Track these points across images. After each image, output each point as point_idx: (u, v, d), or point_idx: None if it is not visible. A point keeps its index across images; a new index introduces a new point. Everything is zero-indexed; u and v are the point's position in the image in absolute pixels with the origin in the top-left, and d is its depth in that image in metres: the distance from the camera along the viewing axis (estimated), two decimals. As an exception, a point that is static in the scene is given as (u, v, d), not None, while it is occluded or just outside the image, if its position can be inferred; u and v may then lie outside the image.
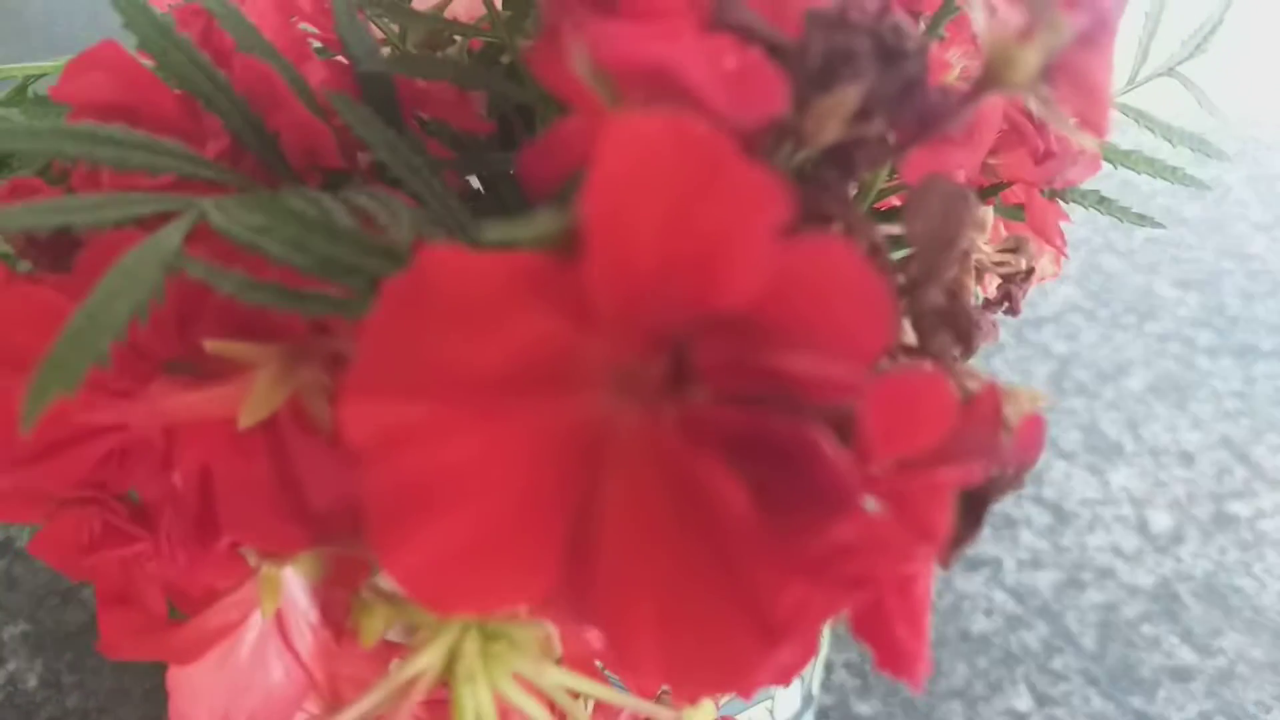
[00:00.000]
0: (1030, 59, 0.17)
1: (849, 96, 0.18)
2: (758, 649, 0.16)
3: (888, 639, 0.19)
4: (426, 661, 0.20)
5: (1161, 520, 0.64)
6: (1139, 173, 0.34)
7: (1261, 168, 0.94)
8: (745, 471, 0.16)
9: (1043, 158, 0.31)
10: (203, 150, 0.25)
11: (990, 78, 0.18)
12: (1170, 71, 0.35)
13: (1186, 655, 0.55)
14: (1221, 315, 0.80)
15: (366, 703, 0.20)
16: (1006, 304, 0.27)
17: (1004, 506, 0.63)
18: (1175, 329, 0.78)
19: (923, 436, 0.17)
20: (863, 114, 0.18)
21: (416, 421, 0.16)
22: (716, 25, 0.18)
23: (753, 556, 0.16)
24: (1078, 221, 0.43)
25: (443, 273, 0.16)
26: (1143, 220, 0.33)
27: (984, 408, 0.18)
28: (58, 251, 0.25)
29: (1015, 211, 0.33)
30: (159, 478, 0.25)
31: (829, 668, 0.53)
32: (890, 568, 0.18)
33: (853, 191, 0.20)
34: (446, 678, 0.21)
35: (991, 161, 0.32)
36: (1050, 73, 0.18)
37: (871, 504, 0.18)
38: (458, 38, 0.31)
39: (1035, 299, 0.79)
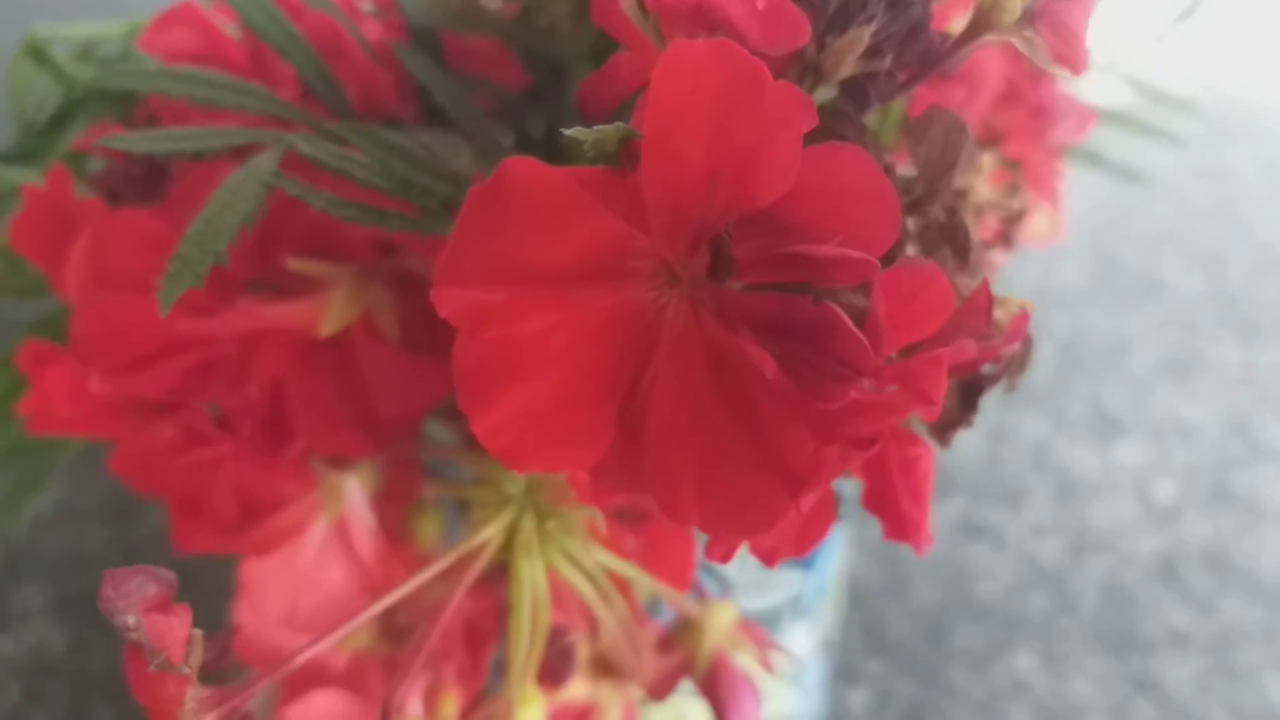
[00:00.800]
0: (1014, 4, 0.20)
1: (862, 36, 0.21)
2: (783, 497, 0.19)
3: (894, 511, 0.22)
4: (487, 535, 0.23)
5: (1162, 491, 0.65)
6: (1123, 132, 0.37)
7: (1266, 150, 0.96)
8: (773, 346, 0.19)
9: (1036, 113, 0.34)
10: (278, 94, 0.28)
11: (980, 20, 0.21)
12: (1160, 38, 0.38)
13: (1185, 619, 0.57)
14: (1224, 295, 0.81)
15: (431, 571, 0.23)
16: (1003, 242, 0.30)
17: (1009, 479, 0.66)
18: (1178, 308, 0.81)
19: (924, 322, 0.20)
20: (873, 52, 0.21)
21: (498, 303, 0.19)
22: (747, -26, 0.21)
23: (780, 416, 0.19)
24: (1082, 201, 0.45)
25: (520, 179, 0.19)
26: (1127, 175, 0.36)
27: (976, 302, 0.21)
28: (148, 185, 0.28)
29: (1013, 165, 0.36)
30: (237, 389, 0.28)
31: (843, 628, 0.55)
32: (884, 453, 0.21)
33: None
34: (504, 556, 0.24)
35: (991, 119, 0.35)
36: (1032, 17, 0.21)
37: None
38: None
39: (1040, 278, 0.81)
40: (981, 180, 0.29)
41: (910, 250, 0.23)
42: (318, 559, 0.29)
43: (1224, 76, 0.36)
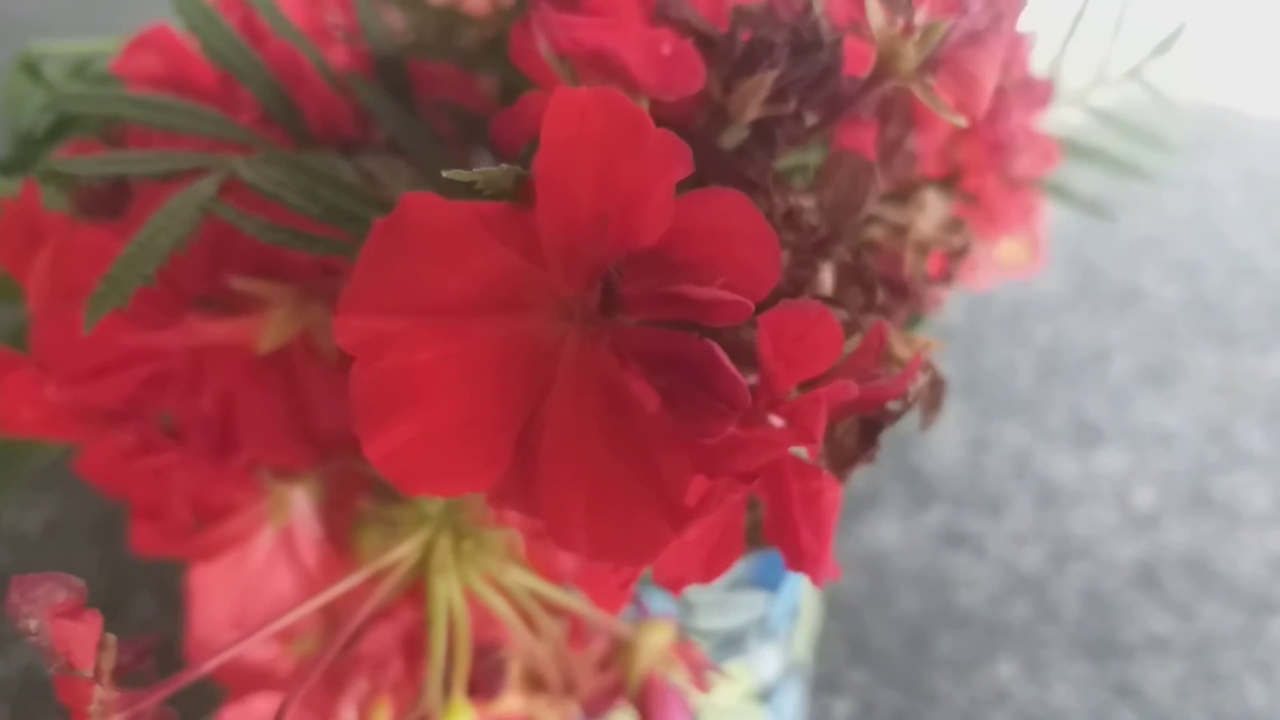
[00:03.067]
0: (910, 52, 0.21)
1: (765, 81, 0.21)
2: (665, 527, 0.20)
3: (794, 543, 0.23)
4: (403, 552, 0.24)
5: (1142, 498, 0.65)
6: (1094, 167, 0.37)
7: (1243, 160, 0.96)
8: (660, 381, 0.20)
9: (993, 148, 0.34)
10: (237, 119, 0.29)
11: (882, 67, 0.21)
12: (1132, 74, 0.38)
13: (1165, 625, 0.57)
14: (1202, 303, 0.81)
15: (345, 584, 0.24)
16: (946, 278, 0.30)
17: (990, 487, 0.66)
18: (1157, 316, 0.80)
19: (815, 360, 0.21)
20: (778, 96, 0.22)
21: (395, 333, 0.20)
22: (659, 19, 0.22)
23: (663, 449, 0.20)
24: (1060, 213, 0.46)
25: (421, 213, 0.20)
26: (1092, 208, 0.36)
27: (869, 342, 0.21)
28: (112, 203, 0.29)
29: (972, 199, 0.36)
30: (189, 400, 0.29)
31: (825, 638, 0.56)
32: (783, 467, 0.21)
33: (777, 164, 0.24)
34: (421, 573, 0.25)
35: (950, 154, 0.36)
36: (934, 64, 0.21)
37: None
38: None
39: (1020, 289, 0.81)
40: (925, 217, 0.30)
41: (826, 287, 0.24)
42: (265, 566, 0.30)
43: (1200, 85, 0.36)
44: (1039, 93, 0.34)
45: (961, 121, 0.21)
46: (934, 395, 0.24)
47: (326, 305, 0.27)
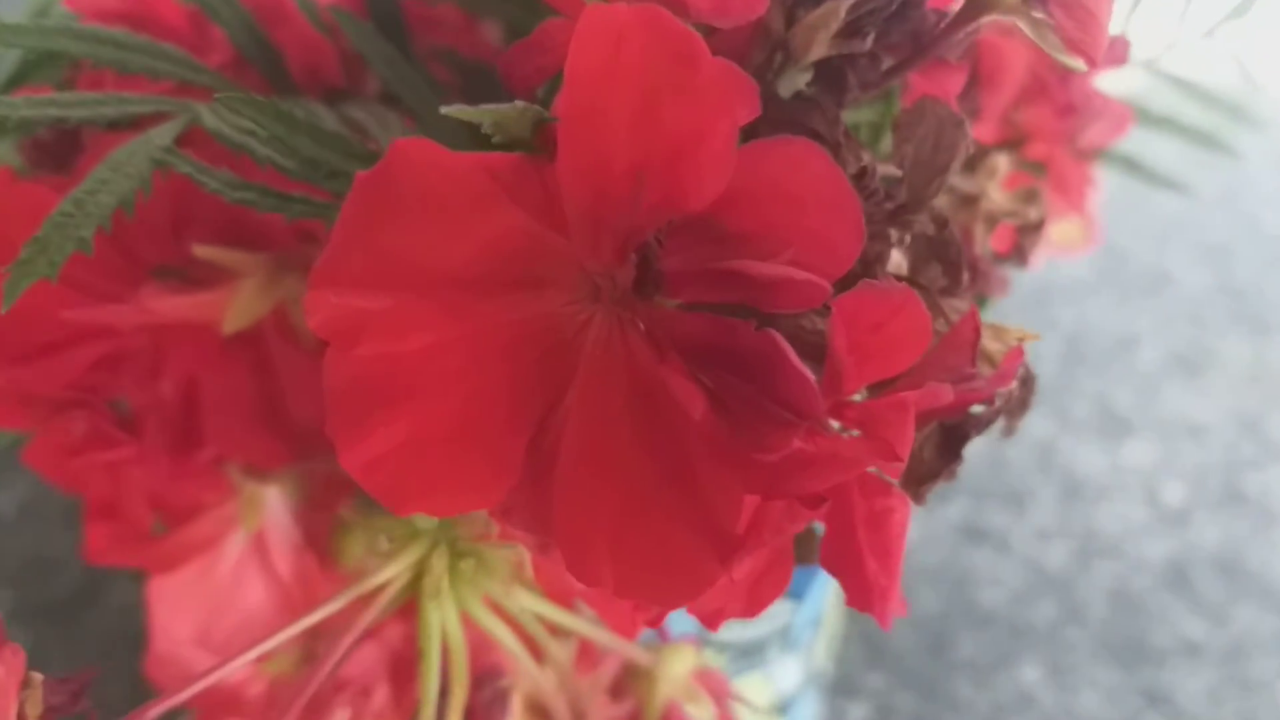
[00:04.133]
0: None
1: (837, 9, 0.17)
2: (711, 560, 0.16)
3: (858, 573, 0.19)
4: (391, 574, 0.20)
5: (1172, 493, 0.62)
6: (1170, 137, 0.33)
7: (1274, 137, 0.92)
8: (708, 379, 0.16)
9: (1064, 111, 0.30)
10: (207, 62, 0.25)
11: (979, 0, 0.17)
12: (1210, 34, 0.34)
13: (1196, 628, 0.55)
14: (1232, 288, 0.78)
15: (325, 610, 0.20)
16: (1017, 256, 0.26)
17: (1013, 480, 0.63)
18: (1186, 302, 0.77)
19: (895, 356, 0.17)
20: (852, 30, 0.18)
21: (380, 312, 0.16)
22: (709, -68, 0.18)
23: (710, 465, 0.16)
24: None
25: (412, 165, 0.16)
26: (1170, 185, 0.33)
27: (961, 334, 0.17)
28: (60, 154, 0.25)
29: (1037, 168, 0.32)
30: (148, 385, 0.25)
31: (841, 639, 0.53)
32: (847, 483, 0.17)
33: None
34: (412, 594, 0.21)
35: (1014, 116, 0.32)
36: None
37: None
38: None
39: (1044, 272, 0.79)
40: (996, 185, 0.26)
41: (895, 265, 0.20)
42: (234, 575, 0.26)
43: (1230, 62, 0.33)
44: (1115, 50, 0.30)
45: (1081, 65, 0.17)
46: (1023, 397, 0.21)
47: (305, 277, 0.23)
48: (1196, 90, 0.33)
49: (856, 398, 0.18)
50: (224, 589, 0.26)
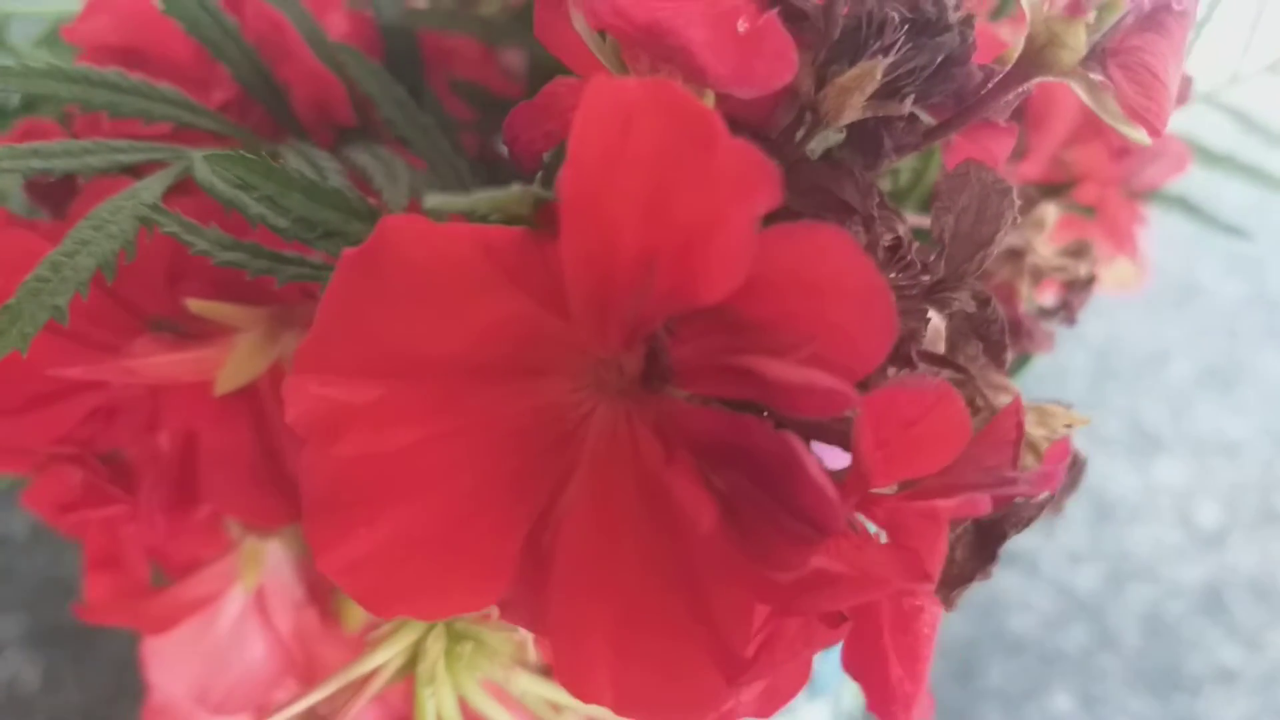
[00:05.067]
0: (1078, 39, 0.15)
1: (873, 70, 0.16)
2: (716, 679, 0.14)
3: (881, 678, 0.17)
4: (385, 658, 0.19)
5: (1206, 514, 0.61)
6: (1233, 178, 0.32)
7: None
8: (722, 481, 0.15)
9: (1119, 153, 0.28)
10: (209, 99, 0.24)
11: (1033, 58, 0.16)
12: (1273, 68, 0.32)
13: (1232, 654, 0.53)
14: (1265, 300, 0.76)
15: (315, 696, 0.19)
16: (1064, 314, 0.24)
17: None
18: (1218, 315, 0.75)
19: (930, 454, 0.15)
20: (889, 90, 0.16)
21: (365, 406, 0.15)
22: (734, -15, 0.16)
23: (719, 578, 0.14)
24: None
25: (402, 244, 0.15)
26: (1233, 231, 0.31)
27: (1002, 430, 0.16)
28: (57, 197, 0.24)
29: (1087, 211, 0.30)
30: (145, 438, 0.24)
31: None
32: (873, 603, 0.16)
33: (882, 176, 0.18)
34: (409, 676, 0.20)
35: (1064, 155, 0.30)
36: (1102, 55, 0.16)
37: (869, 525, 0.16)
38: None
39: None
40: (1044, 238, 0.24)
41: (936, 332, 0.18)
42: (233, 632, 0.25)
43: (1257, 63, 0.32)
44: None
45: (1142, 135, 0.15)
46: (1072, 479, 0.19)
47: (304, 333, 0.22)
48: (1258, 125, 0.31)
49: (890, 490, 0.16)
50: (222, 646, 0.25)
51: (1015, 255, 0.24)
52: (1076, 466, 0.19)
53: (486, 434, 0.15)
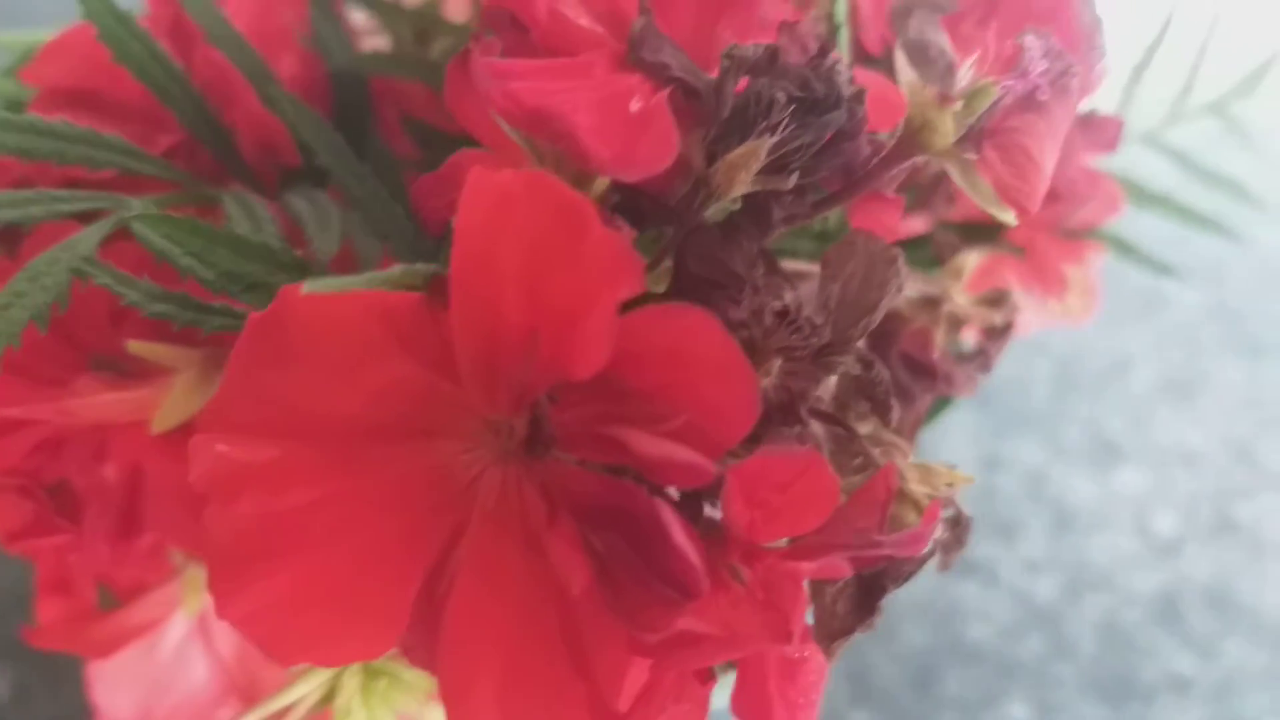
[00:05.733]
0: (946, 126, 0.16)
1: (759, 150, 0.17)
2: (595, 731, 0.15)
3: (767, 721, 0.18)
4: (301, 691, 0.20)
5: (1163, 523, 0.61)
6: (1172, 221, 0.32)
7: (1269, 156, 0.89)
8: (600, 542, 0.15)
9: (1049, 198, 0.29)
10: (158, 141, 0.25)
11: (909, 140, 0.17)
12: (1216, 110, 0.33)
13: (1187, 664, 0.54)
14: (1226, 310, 0.76)
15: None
16: (981, 362, 0.25)
17: (1003, 509, 0.61)
18: (1180, 325, 0.75)
19: (800, 519, 0.16)
20: (777, 166, 0.17)
21: (263, 465, 0.16)
22: (633, 60, 0.17)
23: (595, 634, 0.15)
24: None
25: (303, 309, 0.16)
26: (1165, 270, 0.31)
27: (874, 493, 0.17)
28: (12, 237, 0.25)
29: (1019, 251, 0.31)
30: (91, 469, 0.25)
31: (829, 676, 0.52)
32: (758, 652, 0.17)
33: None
34: (326, 710, 0.21)
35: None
36: (978, 137, 0.16)
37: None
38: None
39: None
40: (960, 287, 0.25)
41: (826, 400, 0.19)
42: (176, 656, 0.26)
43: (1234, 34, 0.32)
44: (1107, 133, 0.29)
45: (1009, 216, 0.16)
46: (955, 538, 0.20)
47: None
48: (1197, 167, 0.32)
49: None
50: (165, 669, 0.26)
51: (932, 303, 0.25)
52: (961, 525, 0.20)
53: (381, 492, 0.16)
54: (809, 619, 0.19)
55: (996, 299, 0.25)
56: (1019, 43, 0.16)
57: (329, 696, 0.20)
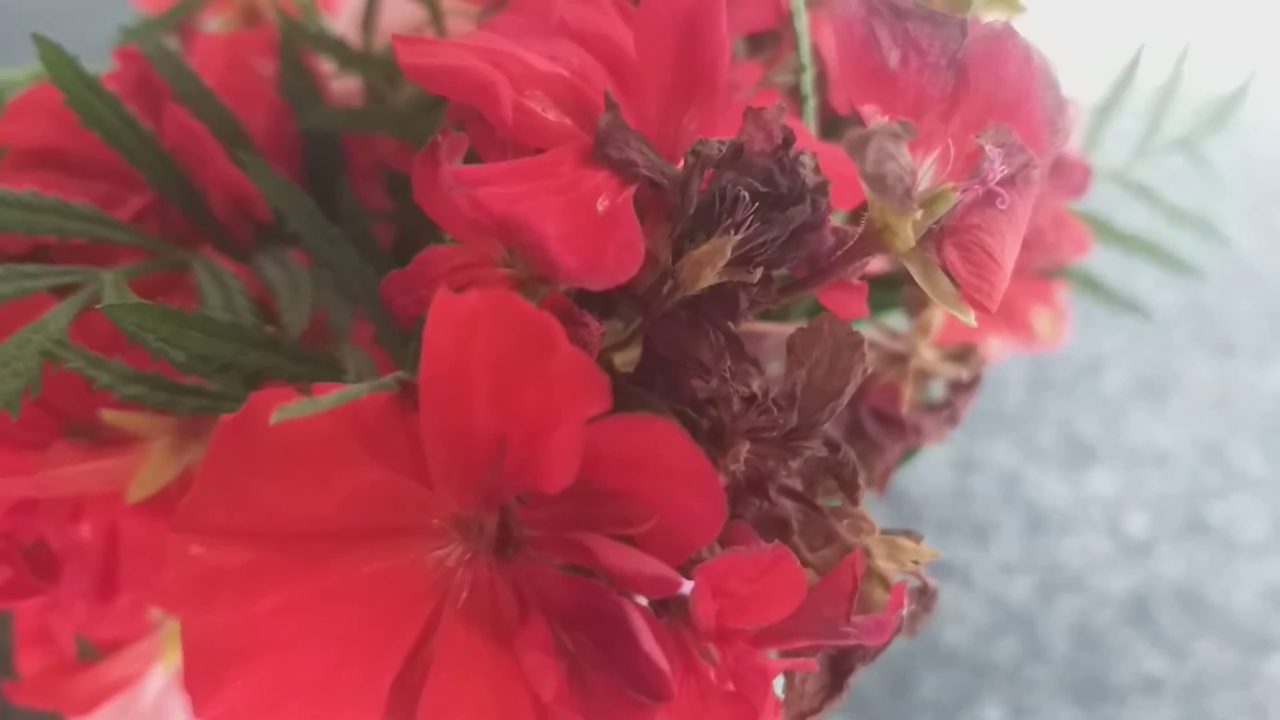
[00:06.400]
0: (906, 232, 0.16)
1: (724, 247, 0.17)
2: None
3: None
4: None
5: (1135, 524, 0.62)
6: (1138, 258, 0.33)
7: (1243, 155, 0.90)
8: (572, 642, 0.16)
9: (1013, 246, 0.29)
10: (133, 200, 0.25)
11: (872, 239, 0.17)
12: (1183, 146, 0.33)
13: (1157, 664, 0.55)
14: (1198, 311, 0.77)
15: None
16: (948, 415, 0.26)
17: (978, 512, 0.63)
18: (1152, 326, 0.76)
19: (770, 607, 0.17)
20: (743, 260, 0.17)
21: (239, 566, 0.16)
22: (599, 157, 0.17)
23: (566, 732, 0.16)
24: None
25: (270, 416, 0.16)
26: (1132, 309, 0.32)
27: (840, 582, 0.17)
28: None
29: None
30: (68, 529, 0.25)
31: None
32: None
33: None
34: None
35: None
36: (939, 235, 0.17)
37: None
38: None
39: None
40: (927, 342, 0.25)
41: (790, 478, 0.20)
42: (154, 710, 0.26)
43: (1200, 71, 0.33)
44: (1075, 179, 0.29)
45: (969, 317, 0.17)
46: (923, 606, 0.20)
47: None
48: (1164, 204, 0.32)
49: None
50: (145, 723, 0.26)
51: (900, 359, 0.25)
52: (927, 595, 0.20)
53: (355, 589, 0.16)
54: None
55: (963, 353, 0.25)
56: (979, 144, 0.16)
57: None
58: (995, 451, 0.66)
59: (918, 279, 0.17)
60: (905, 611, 0.19)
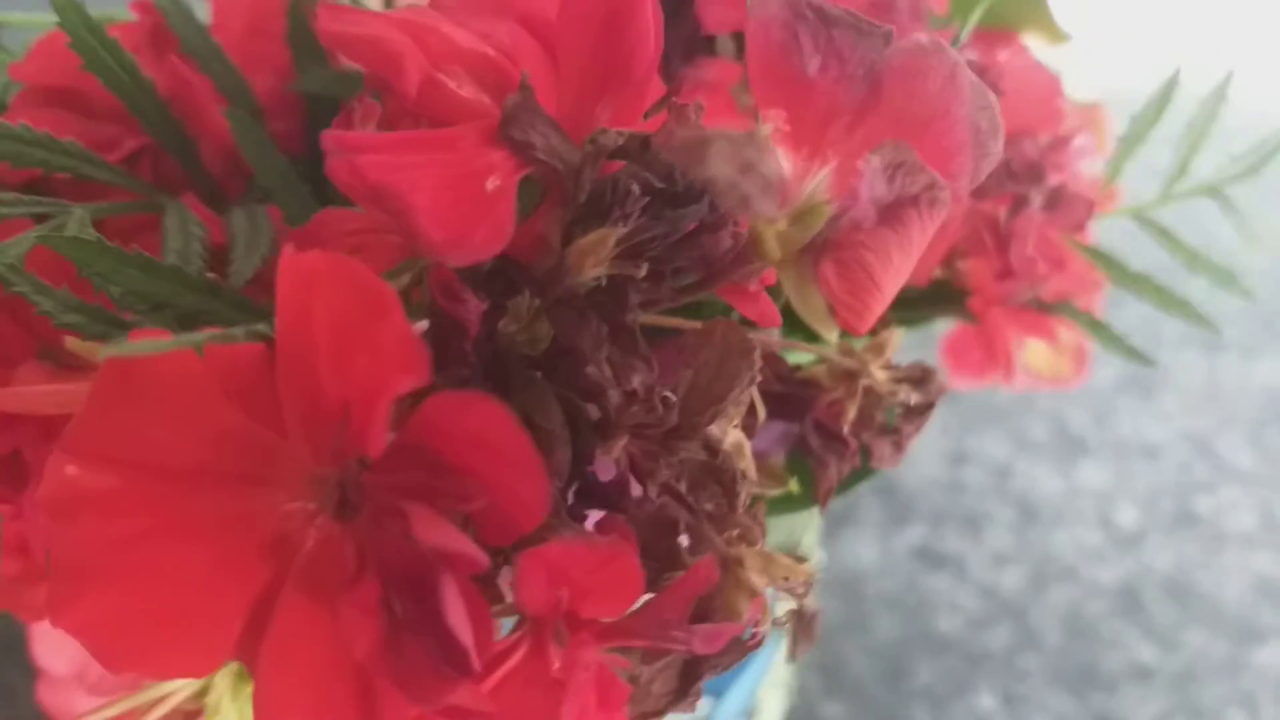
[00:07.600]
0: (772, 244, 0.16)
1: (608, 239, 0.17)
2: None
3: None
4: (174, 686, 0.21)
5: (1125, 516, 0.63)
6: (1149, 302, 0.31)
7: (1232, 149, 0.86)
8: (400, 607, 0.16)
9: (1003, 273, 0.28)
10: (124, 145, 0.26)
11: (751, 248, 0.17)
12: (1212, 192, 0.32)
13: (1148, 653, 0.55)
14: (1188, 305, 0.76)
15: (108, 712, 0.21)
16: (893, 444, 0.25)
17: (971, 503, 0.63)
18: (1141, 320, 0.74)
19: (611, 600, 0.17)
20: (631, 253, 0.17)
21: (107, 490, 0.17)
22: (502, 137, 0.18)
23: (382, 696, 0.16)
24: None
25: (150, 356, 0.17)
26: (1133, 355, 0.30)
27: (688, 586, 0.17)
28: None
29: (973, 319, 0.30)
30: (39, 444, 0.26)
31: (799, 667, 0.53)
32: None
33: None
34: (198, 707, 0.22)
35: (958, 264, 0.30)
36: (819, 249, 0.16)
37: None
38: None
39: None
40: (880, 363, 0.25)
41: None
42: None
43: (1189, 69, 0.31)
44: (1076, 213, 0.28)
45: (831, 336, 0.16)
46: (804, 630, 0.20)
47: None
48: (1183, 248, 0.31)
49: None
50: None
51: (850, 376, 0.24)
52: (806, 619, 0.20)
53: (211, 530, 0.17)
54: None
55: (920, 377, 0.25)
56: (866, 160, 0.16)
57: (202, 693, 0.22)
58: (987, 444, 0.67)
59: (788, 290, 0.16)
60: (764, 628, 0.19)
